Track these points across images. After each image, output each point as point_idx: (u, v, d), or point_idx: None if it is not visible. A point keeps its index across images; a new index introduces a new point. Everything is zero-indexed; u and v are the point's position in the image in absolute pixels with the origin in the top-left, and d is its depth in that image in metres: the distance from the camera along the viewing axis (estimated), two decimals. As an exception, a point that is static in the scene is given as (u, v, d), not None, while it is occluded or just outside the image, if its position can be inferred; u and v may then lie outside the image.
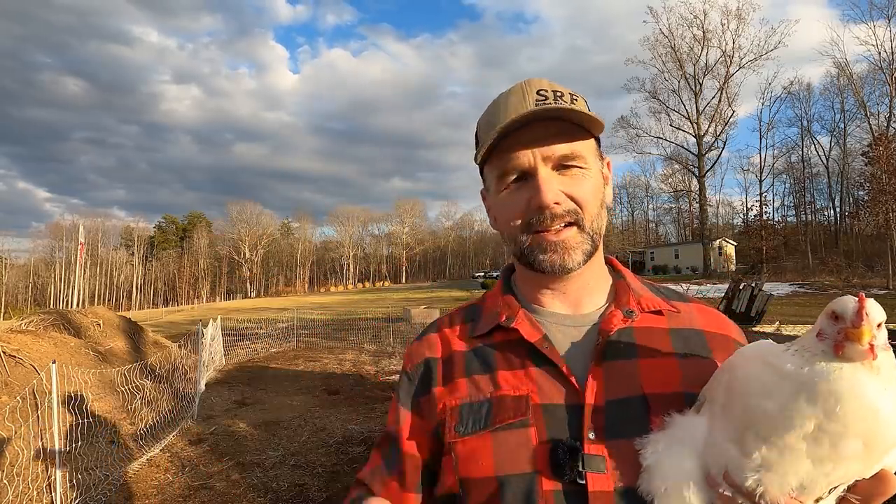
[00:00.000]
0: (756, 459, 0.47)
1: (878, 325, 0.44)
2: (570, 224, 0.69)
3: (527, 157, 0.68)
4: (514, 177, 0.70)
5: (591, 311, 0.74)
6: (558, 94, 0.69)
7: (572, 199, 0.69)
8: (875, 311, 0.44)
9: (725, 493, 0.49)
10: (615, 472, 0.61)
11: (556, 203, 0.68)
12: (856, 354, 0.44)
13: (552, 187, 0.68)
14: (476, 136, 0.76)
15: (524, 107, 0.68)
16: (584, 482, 0.60)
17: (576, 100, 0.71)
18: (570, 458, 0.61)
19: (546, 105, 0.67)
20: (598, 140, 0.76)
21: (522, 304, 0.76)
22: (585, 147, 0.71)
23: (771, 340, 0.55)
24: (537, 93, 0.69)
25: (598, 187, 0.72)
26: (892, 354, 0.46)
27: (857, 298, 0.45)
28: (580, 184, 0.70)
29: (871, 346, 0.43)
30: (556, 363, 0.67)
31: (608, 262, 0.81)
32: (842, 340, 0.44)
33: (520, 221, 0.70)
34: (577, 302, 0.74)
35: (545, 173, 0.68)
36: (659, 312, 0.74)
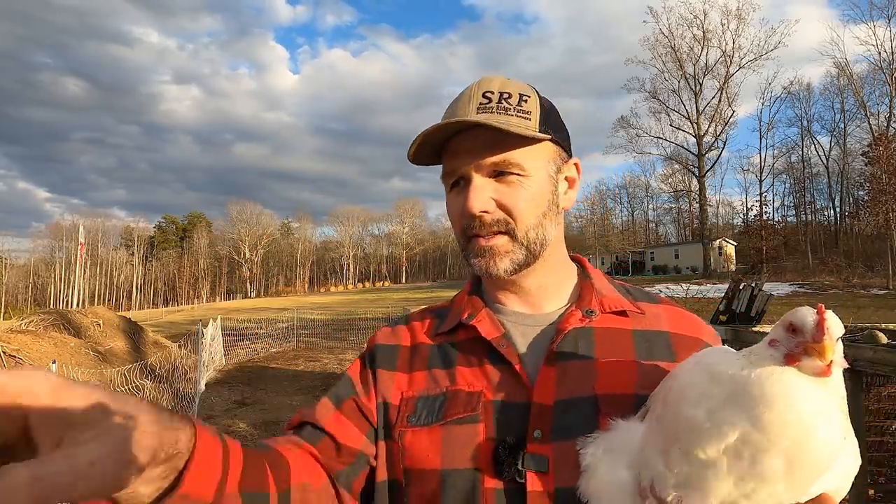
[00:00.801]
0: (679, 474, 0.43)
1: (836, 340, 0.41)
2: (500, 233, 0.69)
3: (462, 163, 0.69)
4: (453, 182, 0.71)
5: (551, 311, 0.74)
6: (505, 95, 0.68)
7: (503, 207, 0.68)
8: (836, 326, 0.41)
9: None
10: (557, 473, 0.60)
11: (485, 212, 0.68)
12: (811, 370, 0.41)
13: (481, 196, 0.67)
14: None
15: (463, 112, 0.68)
16: (523, 481, 0.60)
17: (525, 100, 0.69)
18: (510, 456, 0.61)
19: (478, 116, 0.67)
20: (559, 141, 0.73)
21: (487, 304, 0.76)
22: (525, 154, 0.68)
23: (727, 347, 0.53)
24: (483, 95, 0.68)
25: (538, 194, 0.69)
26: (841, 374, 0.43)
27: (816, 311, 0.42)
28: (515, 192, 0.68)
29: (829, 364, 0.40)
30: (510, 361, 0.67)
31: (578, 263, 0.82)
32: (798, 353, 0.41)
33: (459, 226, 0.71)
34: (537, 302, 0.74)
35: (478, 181, 0.68)
36: (622, 313, 0.73)
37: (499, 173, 0.69)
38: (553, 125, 0.72)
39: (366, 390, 0.74)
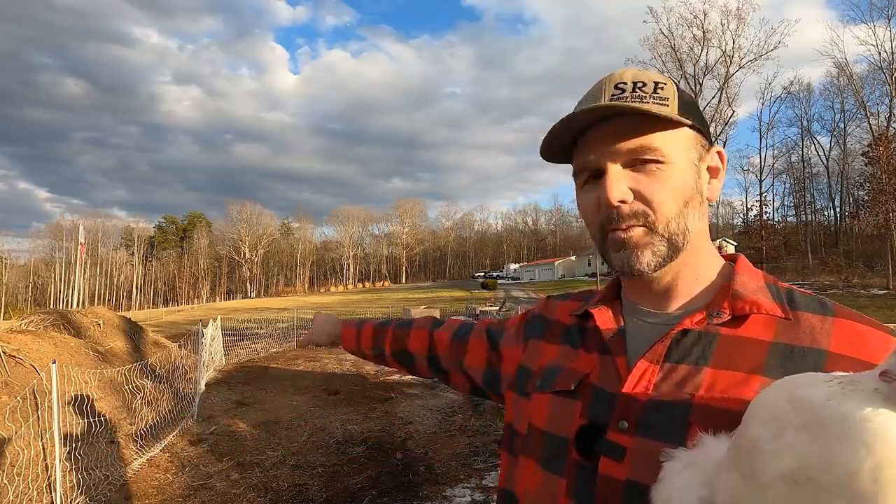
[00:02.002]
0: (735, 494, 0.40)
1: None
2: (638, 225, 0.65)
3: (595, 154, 0.66)
4: (587, 177, 0.69)
5: (679, 312, 0.68)
6: (639, 84, 0.66)
7: (642, 198, 0.64)
8: None
9: None
10: (632, 465, 0.60)
11: (622, 202, 0.64)
12: None
13: (618, 186, 0.64)
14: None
15: (602, 101, 0.66)
16: (594, 464, 0.63)
17: (661, 88, 0.66)
18: (590, 437, 0.65)
19: (611, 102, 0.65)
20: (700, 128, 0.68)
21: (622, 297, 0.77)
22: (664, 139, 0.64)
23: (818, 374, 0.44)
24: (615, 87, 0.66)
25: (679, 182, 0.65)
26: None
27: None
28: (654, 181, 0.64)
29: None
30: (612, 353, 0.70)
31: (733, 262, 0.72)
32: None
33: (595, 221, 0.68)
34: (664, 301, 0.70)
35: (614, 171, 0.64)
36: (763, 318, 0.64)
37: (636, 162, 0.64)
38: (693, 112, 0.67)
39: (515, 341, 0.90)
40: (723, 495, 0.43)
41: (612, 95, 0.66)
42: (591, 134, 0.67)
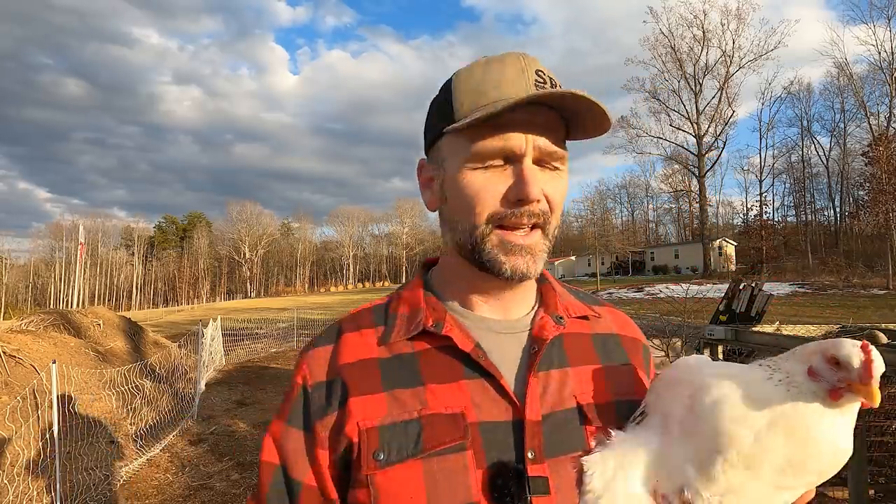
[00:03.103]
0: (722, 483, 0.46)
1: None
2: (537, 226, 0.62)
3: (520, 140, 0.59)
4: (495, 159, 0.60)
5: (520, 317, 0.67)
6: (555, 83, 0.62)
7: (548, 199, 0.62)
8: (880, 366, 0.42)
9: None
10: (558, 494, 0.56)
11: (538, 200, 0.60)
12: (852, 404, 0.44)
13: (538, 183, 0.60)
14: (450, 95, 0.63)
15: (526, 84, 0.59)
16: None
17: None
18: (515, 484, 0.55)
19: (554, 91, 0.57)
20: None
21: (448, 308, 0.66)
22: (565, 149, 0.64)
23: (706, 357, 0.57)
24: (536, 72, 0.60)
25: (565, 193, 0.65)
26: None
27: (861, 349, 0.43)
28: (556, 186, 0.62)
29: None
30: (494, 375, 0.60)
31: None
32: (843, 390, 0.43)
33: (488, 210, 0.60)
34: (507, 307, 0.67)
35: (531, 165, 0.60)
36: (585, 318, 0.71)
37: (545, 162, 0.62)
38: None
39: (320, 477, 0.61)
40: (677, 481, 0.48)
41: (536, 82, 0.60)
42: (515, 116, 0.58)
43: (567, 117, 0.63)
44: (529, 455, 0.57)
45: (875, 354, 0.42)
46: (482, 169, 0.61)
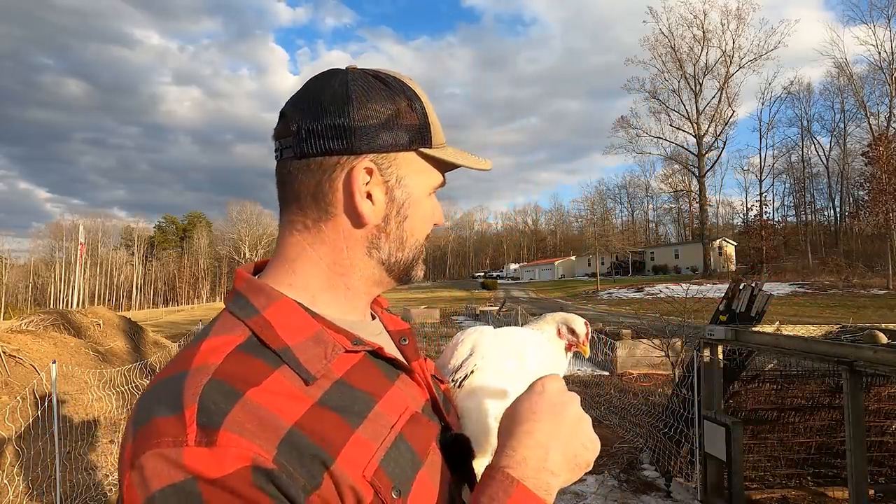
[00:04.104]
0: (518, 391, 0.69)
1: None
2: None
3: (444, 179, 0.71)
4: (436, 188, 0.70)
5: (368, 318, 0.71)
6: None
7: None
8: (588, 330, 0.89)
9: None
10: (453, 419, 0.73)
11: None
12: (572, 350, 0.90)
13: None
14: (425, 116, 0.64)
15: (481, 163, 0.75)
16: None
17: None
18: (454, 445, 0.65)
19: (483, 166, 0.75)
20: None
21: (333, 321, 0.60)
22: None
23: (490, 327, 0.89)
24: None
25: None
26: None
27: (585, 325, 0.86)
28: None
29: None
30: (410, 368, 0.65)
31: None
32: (573, 346, 0.87)
33: (426, 229, 0.70)
34: (367, 311, 0.71)
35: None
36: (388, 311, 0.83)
37: None
38: None
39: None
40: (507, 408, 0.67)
41: None
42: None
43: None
44: (449, 420, 0.69)
45: (588, 328, 0.89)
46: (430, 194, 0.69)
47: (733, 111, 45.82)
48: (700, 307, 7.86)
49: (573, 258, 67.58)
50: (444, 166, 0.69)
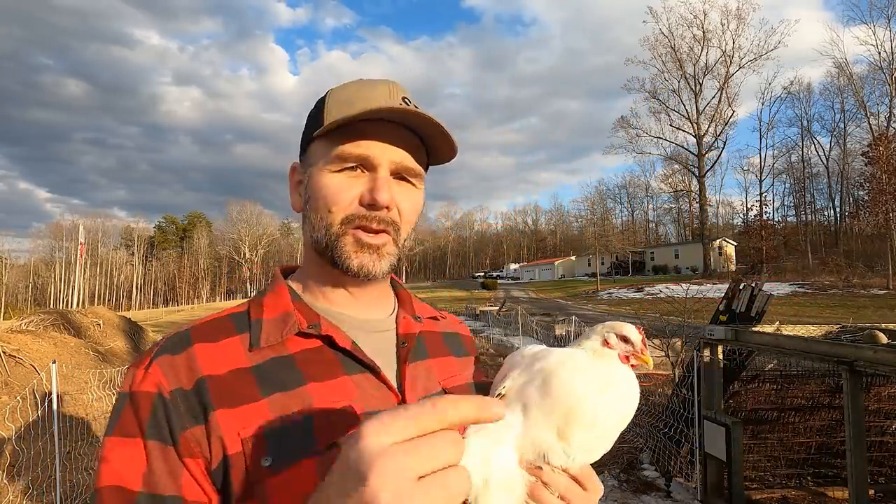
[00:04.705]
0: (574, 444, 0.59)
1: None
2: (386, 233, 0.67)
3: (377, 150, 0.65)
4: (352, 164, 0.66)
5: (384, 317, 0.74)
6: (420, 110, 0.68)
7: (399, 210, 0.68)
8: (643, 335, 0.66)
9: (545, 474, 0.59)
10: None
11: (388, 208, 0.66)
12: (632, 364, 0.65)
13: (389, 191, 0.65)
14: (322, 106, 0.70)
15: (392, 102, 0.66)
16: None
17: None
18: None
19: (418, 110, 0.65)
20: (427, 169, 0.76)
21: (315, 309, 0.68)
22: (422, 165, 0.72)
23: (538, 346, 0.70)
24: (402, 98, 0.68)
25: (419, 208, 0.72)
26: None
27: (638, 331, 0.64)
28: (408, 199, 0.69)
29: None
30: (375, 368, 0.64)
31: None
32: (629, 356, 0.64)
33: (343, 212, 0.65)
34: (369, 307, 0.73)
35: (385, 175, 0.66)
36: (435, 318, 0.82)
37: (400, 175, 0.68)
38: None
39: (192, 491, 0.54)
40: (540, 449, 0.59)
41: (403, 104, 0.67)
42: (374, 128, 0.65)
43: (426, 142, 0.70)
44: None
45: (643, 333, 0.65)
46: (339, 172, 0.66)
47: (733, 111, 45.84)
48: (700, 307, 7.86)
49: (573, 258, 67.58)
50: (341, 139, 0.66)
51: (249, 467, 0.54)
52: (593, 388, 0.60)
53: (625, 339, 0.64)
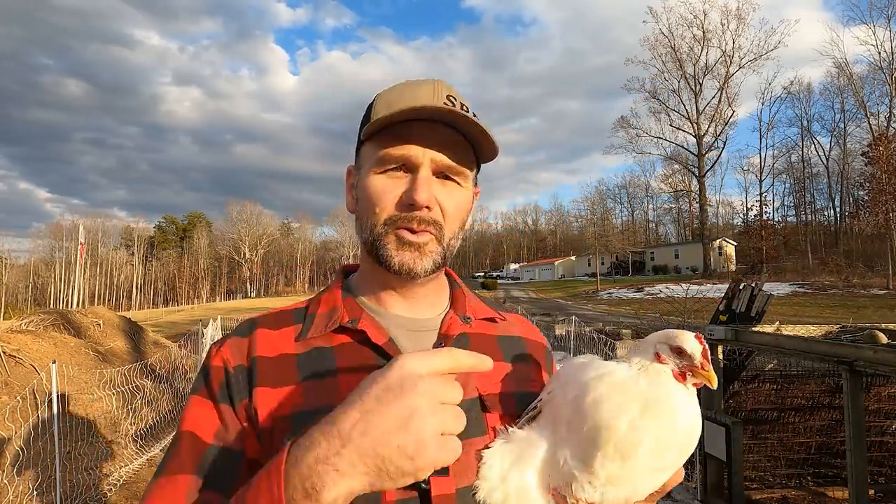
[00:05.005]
0: (602, 476, 0.51)
1: None
2: (428, 232, 0.68)
3: (417, 150, 0.67)
4: (395, 165, 0.68)
5: (432, 316, 0.75)
6: (465, 107, 0.68)
7: (442, 209, 0.69)
8: (705, 346, 0.54)
9: None
10: (457, 474, 0.60)
11: (428, 207, 0.67)
12: (693, 383, 0.54)
13: (429, 190, 0.66)
14: (370, 109, 0.72)
15: (434, 102, 0.66)
16: (427, 487, 0.59)
17: (476, 118, 0.69)
18: None
19: (456, 110, 0.65)
20: (478, 167, 0.76)
21: (364, 306, 0.73)
22: (469, 165, 0.71)
23: (596, 356, 0.62)
24: (447, 97, 0.68)
25: (466, 207, 0.72)
26: None
27: (697, 340, 0.53)
28: (453, 198, 0.70)
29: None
30: None
31: (445, 273, 0.82)
32: (686, 372, 0.53)
33: (386, 212, 0.68)
34: (418, 306, 0.74)
35: (427, 174, 0.67)
36: (491, 320, 0.79)
37: (444, 174, 0.69)
38: None
39: (247, 446, 0.63)
40: (564, 477, 0.53)
41: (446, 104, 0.66)
42: (415, 128, 0.66)
43: (471, 141, 0.70)
44: None
45: (704, 344, 0.54)
46: (383, 173, 0.68)
47: (733, 111, 45.84)
48: (700, 307, 7.87)
49: (573, 258, 67.57)
50: (385, 141, 0.68)
51: (276, 444, 0.61)
52: (629, 411, 0.51)
53: (679, 352, 0.53)
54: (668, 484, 0.56)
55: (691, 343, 0.53)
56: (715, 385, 0.52)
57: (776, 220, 52.54)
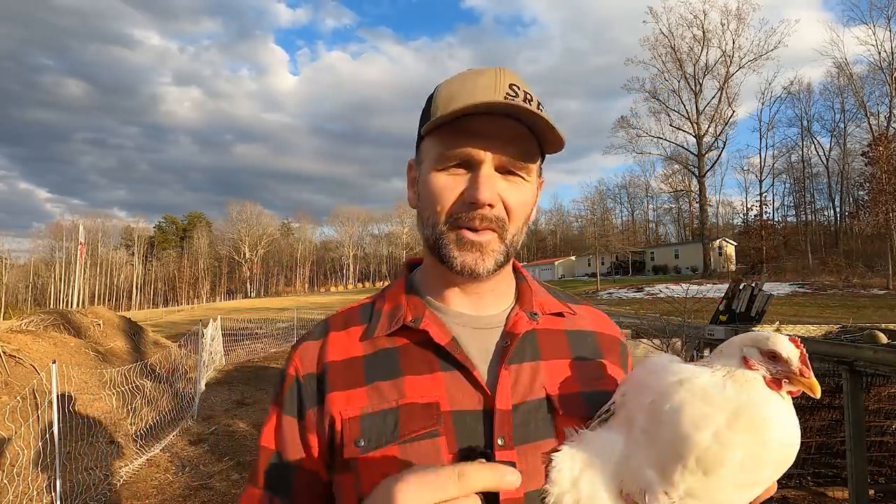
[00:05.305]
0: (681, 488, 0.47)
1: None
2: (491, 230, 0.66)
3: (478, 147, 0.64)
4: (456, 162, 0.65)
5: (497, 313, 0.72)
6: (528, 97, 0.65)
7: (505, 206, 0.66)
8: (802, 350, 0.48)
9: None
10: (525, 477, 0.57)
11: (490, 205, 0.64)
12: (788, 391, 0.48)
13: (492, 188, 0.64)
14: (431, 102, 0.69)
15: (494, 95, 0.63)
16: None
17: (541, 108, 0.66)
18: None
19: (517, 103, 0.62)
20: (542, 157, 0.72)
21: (427, 304, 0.72)
22: (534, 158, 0.68)
23: (676, 357, 0.57)
24: (509, 86, 0.64)
25: (530, 202, 0.70)
26: None
27: (795, 344, 0.48)
28: (517, 194, 0.67)
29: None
30: (467, 367, 0.64)
31: (512, 266, 0.80)
32: (782, 379, 0.48)
33: (447, 211, 0.66)
34: (483, 303, 0.72)
35: (489, 171, 0.64)
36: (559, 314, 0.75)
37: (508, 170, 0.66)
38: None
39: (312, 460, 0.67)
40: (639, 484, 0.49)
41: (507, 95, 0.63)
42: (478, 124, 0.63)
43: (535, 132, 0.66)
44: (499, 441, 0.61)
45: (801, 348, 0.48)
46: (443, 170, 0.66)
47: (733, 111, 45.79)
48: (700, 307, 7.85)
49: (573, 258, 67.54)
50: (445, 136, 0.65)
51: (347, 445, 0.63)
52: (714, 421, 0.46)
53: (773, 357, 0.48)
54: (760, 498, 0.52)
55: (787, 347, 0.48)
56: (818, 394, 0.46)
57: (776, 220, 52.53)
